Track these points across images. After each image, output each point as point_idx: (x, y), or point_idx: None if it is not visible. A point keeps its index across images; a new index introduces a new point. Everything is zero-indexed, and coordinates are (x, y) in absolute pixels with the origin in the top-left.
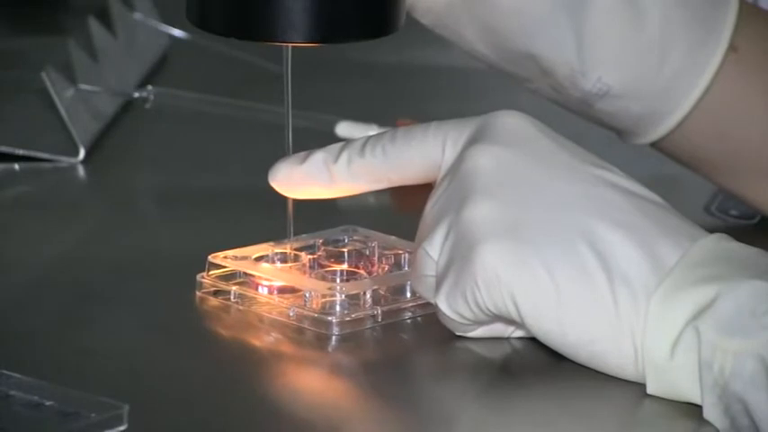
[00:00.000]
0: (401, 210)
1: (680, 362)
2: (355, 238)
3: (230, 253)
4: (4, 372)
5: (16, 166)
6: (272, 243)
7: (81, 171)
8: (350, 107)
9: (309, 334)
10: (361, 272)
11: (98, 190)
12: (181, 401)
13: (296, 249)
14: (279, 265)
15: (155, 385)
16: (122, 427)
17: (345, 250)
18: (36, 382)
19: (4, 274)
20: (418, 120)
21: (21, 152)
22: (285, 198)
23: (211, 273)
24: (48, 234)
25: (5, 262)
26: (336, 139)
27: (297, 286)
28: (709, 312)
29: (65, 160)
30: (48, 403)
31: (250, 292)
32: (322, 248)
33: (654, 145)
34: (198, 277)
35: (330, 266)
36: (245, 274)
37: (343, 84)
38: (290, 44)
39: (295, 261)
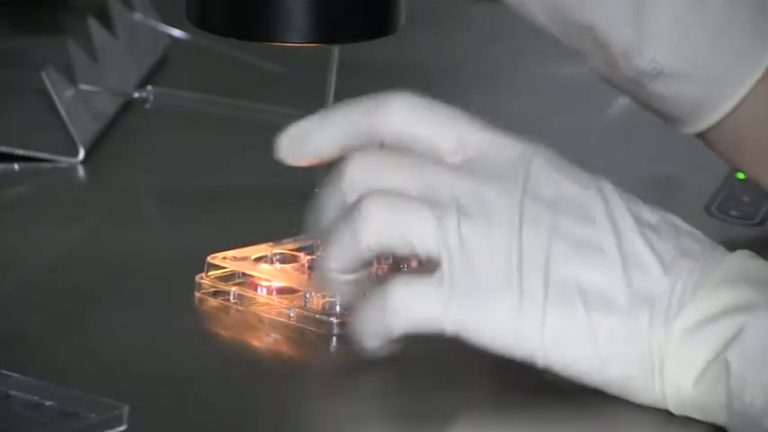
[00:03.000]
0: None
1: (705, 391)
2: None
3: (229, 254)
4: (4, 372)
5: (16, 166)
6: (270, 243)
7: (81, 171)
8: None
9: (310, 334)
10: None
11: (98, 190)
12: (181, 401)
13: (294, 250)
14: (278, 265)
15: (155, 385)
16: (122, 428)
17: None
18: (36, 382)
19: (4, 274)
20: None
21: (21, 152)
22: (286, 198)
23: (210, 273)
24: (48, 234)
25: (5, 262)
26: None
27: (296, 287)
28: (737, 345)
29: (65, 160)
30: (48, 403)
31: (249, 293)
32: (320, 249)
33: (702, 135)
34: (197, 278)
35: None
36: (244, 274)
37: (343, 84)
38: (290, 44)
39: (294, 262)
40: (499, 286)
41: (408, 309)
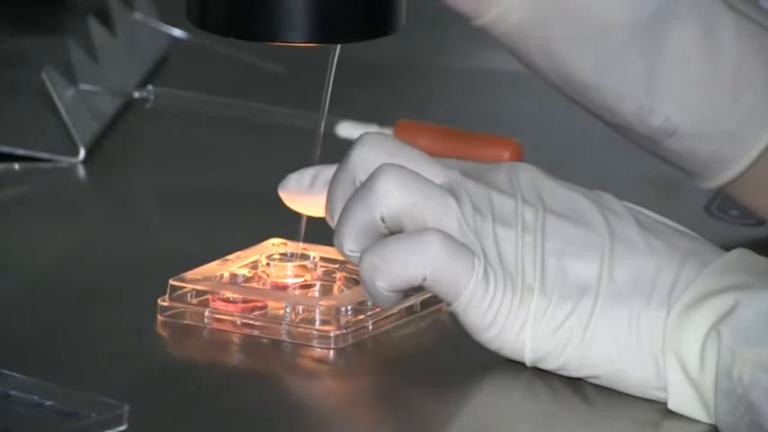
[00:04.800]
0: None
1: (709, 372)
2: (291, 251)
3: (189, 275)
4: (5, 372)
5: (16, 166)
6: (219, 261)
7: (81, 171)
8: (350, 107)
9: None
10: (314, 281)
11: (98, 190)
12: (181, 401)
13: (246, 266)
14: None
15: (155, 385)
16: (122, 427)
17: (290, 264)
18: (36, 382)
19: (4, 274)
20: (418, 120)
21: (21, 152)
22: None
23: (174, 295)
24: (48, 234)
25: (5, 262)
26: (337, 140)
27: (274, 303)
28: (729, 319)
29: (65, 160)
30: (48, 403)
31: (223, 314)
32: (271, 264)
33: (724, 190)
34: (159, 301)
35: (295, 280)
36: (213, 293)
37: (344, 84)
38: (290, 44)
39: (251, 279)
40: (527, 287)
41: (448, 267)
